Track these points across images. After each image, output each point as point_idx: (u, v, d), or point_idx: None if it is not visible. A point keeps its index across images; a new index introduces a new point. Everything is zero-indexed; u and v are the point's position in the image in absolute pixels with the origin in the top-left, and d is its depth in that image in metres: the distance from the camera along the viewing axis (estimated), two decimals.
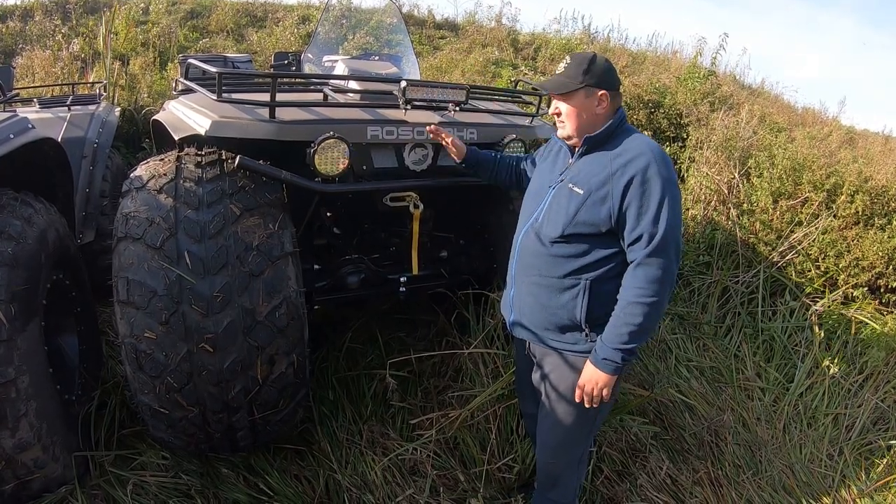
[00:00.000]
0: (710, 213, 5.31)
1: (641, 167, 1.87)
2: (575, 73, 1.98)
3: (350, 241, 3.27)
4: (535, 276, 2.11)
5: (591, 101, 2.00)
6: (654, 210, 1.85)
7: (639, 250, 1.88)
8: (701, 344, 4.29)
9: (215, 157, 2.51)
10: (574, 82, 1.98)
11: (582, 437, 2.27)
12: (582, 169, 2.02)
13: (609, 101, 2.01)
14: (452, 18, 12.13)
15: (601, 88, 1.99)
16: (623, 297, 1.92)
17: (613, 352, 1.91)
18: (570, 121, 2.03)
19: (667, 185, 1.87)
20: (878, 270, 4.63)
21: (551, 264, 2.05)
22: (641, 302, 1.87)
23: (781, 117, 8.62)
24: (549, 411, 2.23)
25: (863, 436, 3.57)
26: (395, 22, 4.60)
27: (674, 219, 1.87)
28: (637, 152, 1.91)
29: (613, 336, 1.92)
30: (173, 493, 2.60)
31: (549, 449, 2.31)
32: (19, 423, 2.16)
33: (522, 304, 2.20)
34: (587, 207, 1.94)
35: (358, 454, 2.90)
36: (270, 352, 2.33)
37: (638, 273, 1.89)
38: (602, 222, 1.93)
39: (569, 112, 2.02)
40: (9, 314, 2.12)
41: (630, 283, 1.91)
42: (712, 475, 3.07)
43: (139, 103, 6.59)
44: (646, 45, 12.56)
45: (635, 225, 1.88)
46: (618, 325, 1.91)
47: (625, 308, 1.90)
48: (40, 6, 9.52)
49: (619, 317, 1.91)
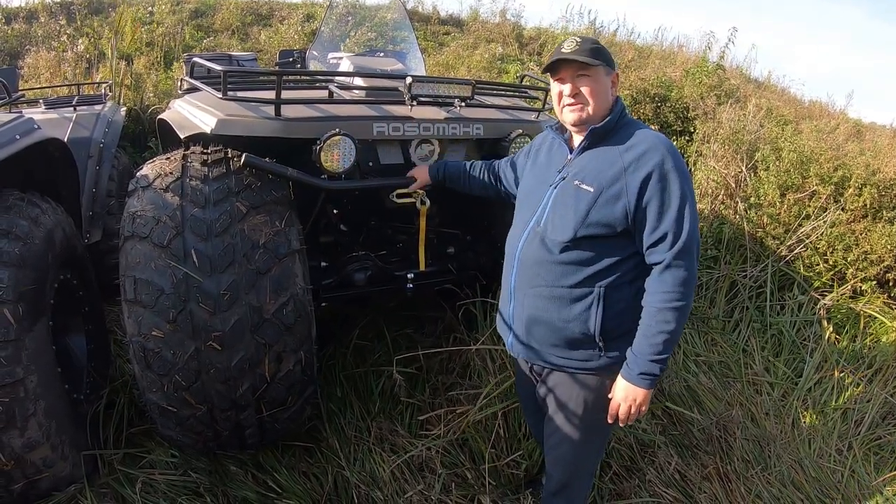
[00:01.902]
0: (718, 207, 5.28)
1: (658, 162, 1.76)
2: (591, 51, 1.84)
3: (357, 238, 3.26)
4: (539, 288, 1.95)
5: (608, 82, 1.90)
6: (677, 208, 1.75)
7: (663, 251, 1.77)
8: (709, 338, 4.27)
9: (221, 155, 2.50)
10: (594, 60, 1.83)
11: (594, 451, 2.19)
12: (587, 164, 1.90)
13: (617, 85, 1.94)
14: (457, 14, 12.14)
15: (614, 70, 1.92)
16: (651, 304, 1.80)
17: (651, 364, 1.78)
18: (593, 100, 1.88)
19: (685, 181, 1.78)
20: (886, 264, 4.59)
21: (559, 273, 1.90)
22: (672, 307, 1.75)
23: (788, 110, 8.57)
24: (558, 429, 2.11)
25: (872, 430, 3.55)
26: (399, 18, 4.59)
27: (695, 216, 1.78)
28: (649, 145, 1.80)
29: (647, 347, 1.79)
30: (182, 491, 2.61)
31: (559, 463, 2.20)
32: (28, 423, 2.17)
33: (525, 319, 2.03)
34: (599, 206, 1.81)
35: (366, 451, 2.90)
36: (278, 349, 2.33)
37: (666, 277, 1.77)
38: (618, 221, 1.81)
39: (592, 91, 1.87)
40: (17, 314, 2.13)
41: (657, 288, 1.79)
42: (721, 470, 3.06)
43: (145, 103, 6.60)
44: (652, 40, 12.54)
45: (657, 224, 1.77)
46: (650, 334, 1.78)
47: (655, 315, 1.78)
48: (45, 7, 9.55)
49: (651, 326, 1.78)
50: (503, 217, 3.37)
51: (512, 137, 3.00)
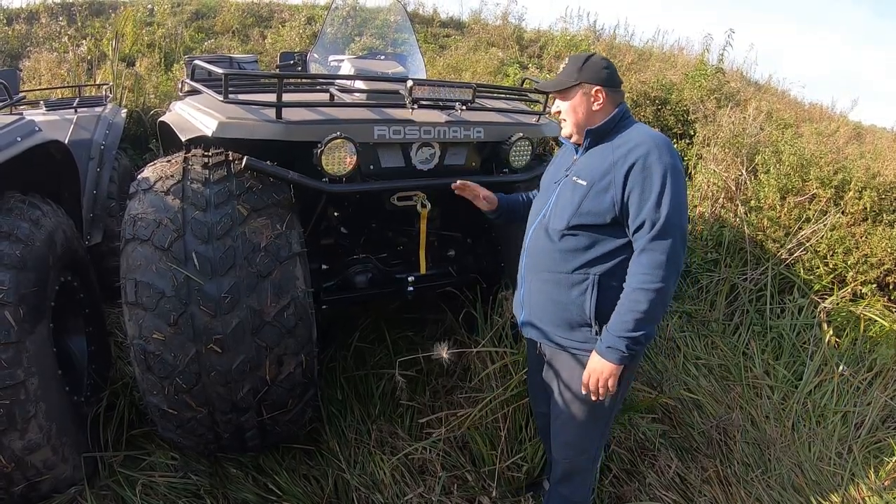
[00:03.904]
0: (718, 211, 5.28)
1: (642, 154, 1.87)
2: (571, 71, 2.03)
3: (357, 240, 3.27)
4: (544, 273, 2.12)
5: (587, 98, 2.03)
6: (656, 195, 1.85)
7: (642, 237, 1.88)
8: (709, 342, 4.28)
9: (222, 158, 2.51)
10: (570, 80, 2.02)
11: (596, 434, 2.26)
12: (586, 163, 2.05)
13: (606, 97, 2.02)
14: (458, 17, 12.15)
15: (597, 85, 2.01)
16: (628, 285, 1.91)
17: (618, 340, 1.89)
18: (568, 117, 2.08)
19: (668, 170, 1.86)
20: (886, 267, 4.60)
21: (560, 259, 2.05)
22: (646, 288, 1.85)
23: (788, 113, 8.57)
24: (562, 410, 2.23)
25: (872, 433, 3.55)
26: (400, 21, 4.60)
27: (676, 203, 1.86)
28: (637, 141, 1.92)
29: (617, 324, 1.90)
30: (182, 494, 2.61)
31: (563, 446, 2.30)
32: (29, 425, 2.17)
33: (533, 301, 2.19)
34: (591, 198, 1.95)
35: (367, 453, 2.90)
36: (279, 352, 2.33)
37: (642, 259, 1.87)
38: (606, 211, 1.93)
39: (566, 110, 2.07)
40: (17, 316, 2.13)
41: (634, 270, 1.90)
42: (721, 474, 3.06)
43: (145, 105, 6.61)
44: (652, 42, 12.55)
45: (638, 212, 1.87)
46: (622, 312, 1.90)
47: (629, 295, 1.89)
48: (45, 8, 9.55)
49: (624, 304, 1.90)
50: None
51: (512, 141, 3.00)
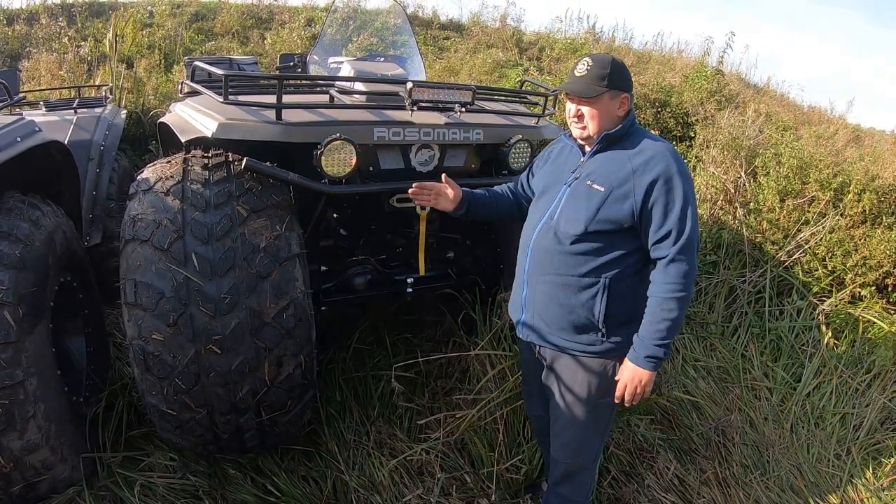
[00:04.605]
0: (717, 213, 5.29)
1: (664, 167, 1.93)
2: (599, 77, 2.00)
3: (357, 242, 3.26)
4: (551, 275, 2.12)
5: (614, 104, 2.04)
6: (680, 209, 1.92)
7: (667, 247, 1.93)
8: (708, 344, 4.28)
9: (222, 159, 2.51)
10: (600, 86, 2.00)
11: (598, 435, 2.29)
12: (599, 167, 2.05)
13: (629, 103, 2.06)
14: (457, 19, 12.15)
15: (624, 92, 2.04)
16: (655, 294, 1.97)
17: (655, 348, 1.95)
18: (593, 123, 2.05)
19: (687, 184, 1.94)
20: (885, 269, 4.61)
21: (569, 262, 2.06)
22: (675, 297, 1.92)
23: (788, 116, 8.58)
24: (563, 412, 2.24)
25: (870, 435, 3.55)
26: (400, 23, 4.60)
27: (695, 216, 1.95)
28: (655, 151, 1.97)
29: (652, 332, 1.96)
30: (181, 495, 2.61)
31: (563, 447, 2.31)
32: (27, 425, 2.17)
33: (537, 303, 2.19)
34: (609, 204, 1.98)
35: (365, 455, 2.90)
36: (278, 353, 2.33)
37: (670, 269, 1.93)
38: (625, 219, 1.97)
39: (592, 115, 2.04)
40: (17, 316, 2.13)
41: (661, 280, 1.95)
42: (720, 475, 3.07)
43: (145, 106, 6.61)
44: (651, 45, 12.54)
45: (662, 223, 1.93)
46: (655, 321, 1.95)
47: (660, 304, 1.94)
48: (45, 9, 9.56)
49: (656, 313, 1.95)
50: (503, 222, 3.38)
51: (512, 143, 3.00)
